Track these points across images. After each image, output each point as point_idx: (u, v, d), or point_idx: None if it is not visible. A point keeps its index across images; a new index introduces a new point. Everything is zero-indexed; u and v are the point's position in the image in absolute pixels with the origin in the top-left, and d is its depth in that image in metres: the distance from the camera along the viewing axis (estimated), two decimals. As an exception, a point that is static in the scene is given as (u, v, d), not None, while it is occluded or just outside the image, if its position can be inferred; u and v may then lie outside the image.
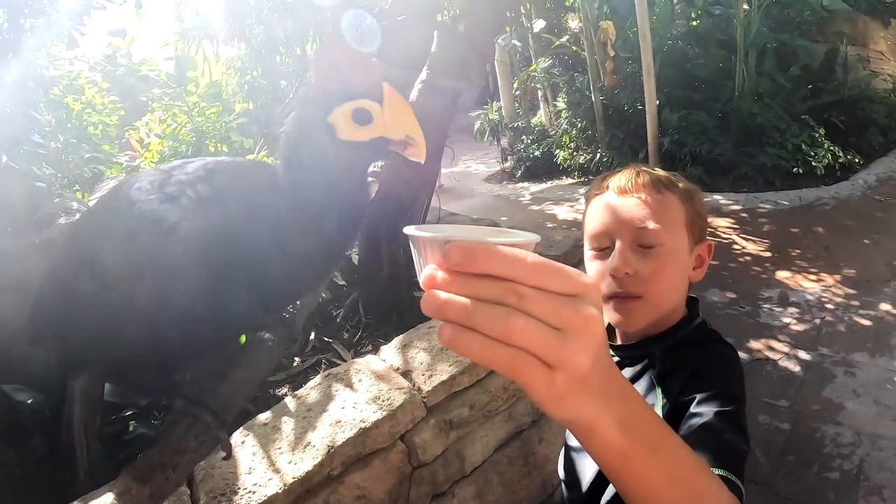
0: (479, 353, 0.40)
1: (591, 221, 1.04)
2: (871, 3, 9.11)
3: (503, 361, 0.40)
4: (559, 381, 0.40)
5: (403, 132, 0.84)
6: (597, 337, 0.42)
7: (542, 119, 10.46)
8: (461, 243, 0.40)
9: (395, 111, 0.84)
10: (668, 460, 0.51)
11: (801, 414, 3.15)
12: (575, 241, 3.04)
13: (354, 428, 1.80)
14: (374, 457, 1.87)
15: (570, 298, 0.41)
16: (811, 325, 4.08)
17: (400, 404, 1.90)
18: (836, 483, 2.67)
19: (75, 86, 4.89)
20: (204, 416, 0.94)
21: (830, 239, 5.62)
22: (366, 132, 0.84)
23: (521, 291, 0.39)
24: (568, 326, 0.40)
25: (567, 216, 7.30)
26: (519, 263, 0.40)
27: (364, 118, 0.84)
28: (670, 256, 0.98)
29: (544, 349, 0.39)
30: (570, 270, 0.42)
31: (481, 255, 0.40)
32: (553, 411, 0.44)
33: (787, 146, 7.40)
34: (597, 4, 8.77)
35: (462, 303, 0.40)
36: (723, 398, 0.87)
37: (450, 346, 0.41)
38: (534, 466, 2.37)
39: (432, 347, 2.20)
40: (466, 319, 0.40)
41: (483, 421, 2.18)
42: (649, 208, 0.98)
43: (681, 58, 8.74)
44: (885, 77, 9.13)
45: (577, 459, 1.10)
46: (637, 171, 1.04)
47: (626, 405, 0.47)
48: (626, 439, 0.46)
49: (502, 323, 0.39)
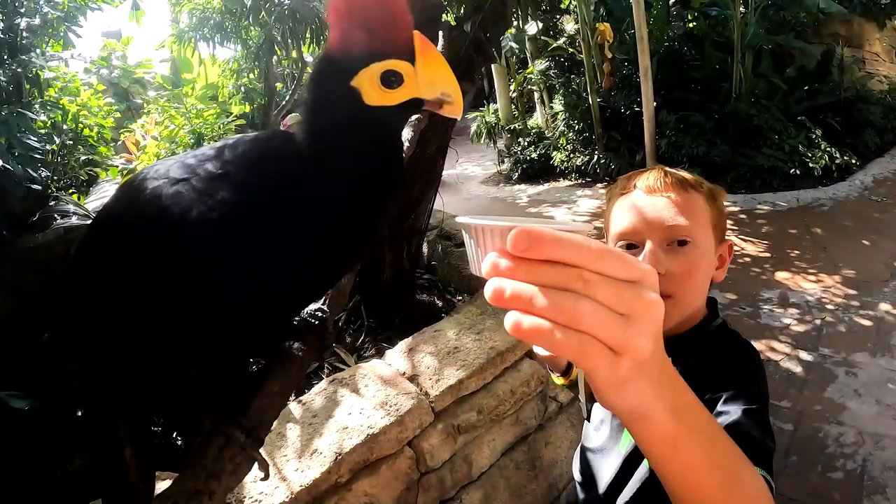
0: (547, 339, 0.40)
1: (618, 220, 1.04)
2: (866, 5, 9.15)
3: (572, 347, 0.40)
4: (623, 366, 0.42)
5: (439, 89, 0.74)
6: (658, 322, 0.43)
7: (538, 121, 10.46)
8: (527, 229, 0.40)
9: (430, 68, 0.73)
10: (713, 448, 0.52)
11: (803, 414, 3.14)
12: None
13: (362, 434, 1.78)
14: (381, 463, 1.85)
15: (631, 284, 0.42)
16: (812, 326, 4.07)
17: (408, 409, 1.89)
18: (840, 483, 2.67)
19: (71, 87, 4.87)
20: (237, 435, 0.85)
21: (829, 240, 5.62)
22: (396, 95, 0.74)
23: (586, 277, 0.40)
24: (631, 311, 0.41)
25: (565, 218, 7.25)
26: (584, 249, 0.41)
27: (394, 81, 0.73)
28: (700, 254, 0.98)
29: (611, 334, 0.40)
30: (630, 257, 0.43)
31: (547, 241, 0.40)
32: (613, 398, 0.45)
33: (784, 147, 7.42)
34: (593, 6, 8.77)
35: (529, 290, 0.40)
36: (748, 396, 0.88)
37: (516, 333, 0.41)
38: (540, 470, 2.35)
39: (439, 351, 2.19)
40: (533, 307, 0.40)
41: (490, 425, 2.16)
42: (678, 207, 0.98)
43: (678, 59, 8.75)
44: (881, 78, 9.19)
45: (595, 460, 1.10)
46: (663, 170, 1.04)
47: (677, 392, 0.49)
48: (676, 426, 0.48)
49: (570, 309, 0.40)
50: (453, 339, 2.26)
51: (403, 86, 0.73)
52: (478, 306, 2.53)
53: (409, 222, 2.79)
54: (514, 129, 10.20)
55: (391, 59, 0.72)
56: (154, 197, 0.76)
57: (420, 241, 2.95)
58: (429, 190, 2.80)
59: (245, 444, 0.85)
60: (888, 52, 9.71)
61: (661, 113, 8.01)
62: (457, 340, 2.25)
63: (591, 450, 1.12)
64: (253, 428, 0.87)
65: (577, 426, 2.49)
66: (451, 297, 3.07)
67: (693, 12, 9.27)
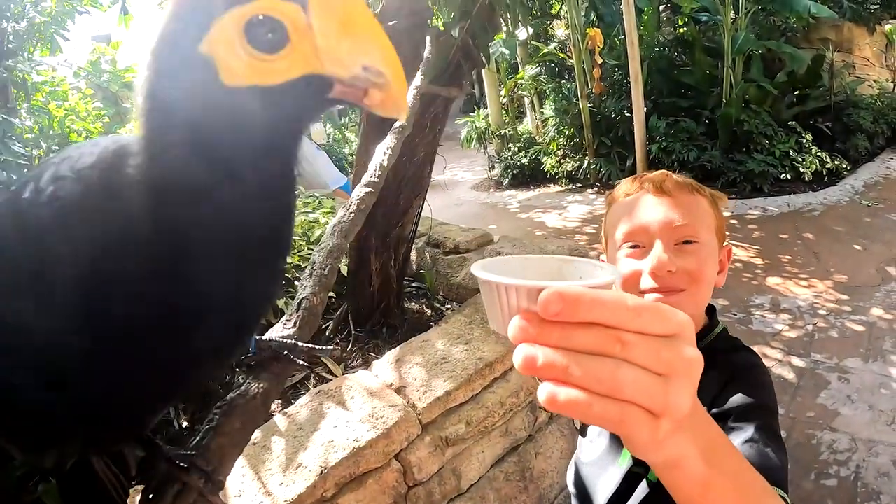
0: (585, 411, 0.38)
1: (625, 220, 1.03)
2: (856, 10, 9.22)
3: (613, 419, 0.38)
4: (663, 428, 0.40)
5: (358, 60, 0.46)
6: (696, 379, 0.41)
7: (528, 126, 10.48)
8: (561, 292, 0.38)
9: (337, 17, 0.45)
10: (739, 481, 0.51)
11: (796, 421, 3.14)
12: (568, 251, 3.00)
13: (348, 448, 1.75)
14: (368, 476, 1.82)
15: (669, 340, 0.40)
16: (804, 332, 4.07)
17: (394, 422, 1.86)
18: (834, 490, 2.67)
19: (59, 92, 4.82)
20: (194, 480, 0.73)
21: (820, 244, 5.64)
22: (275, 68, 0.46)
23: (624, 339, 0.38)
24: (670, 371, 0.39)
25: (556, 224, 7.30)
26: (621, 309, 0.38)
27: (271, 40, 0.45)
28: (707, 253, 0.99)
29: (652, 400, 0.39)
30: (667, 310, 0.41)
31: (583, 304, 0.38)
32: (651, 456, 0.45)
33: (774, 152, 7.45)
34: (583, 12, 8.79)
35: (564, 360, 0.38)
36: (758, 409, 0.88)
37: (552, 406, 0.38)
38: (530, 481, 2.32)
39: (426, 362, 2.16)
40: (570, 376, 0.38)
41: (479, 437, 2.13)
42: (686, 208, 0.99)
43: (668, 65, 8.80)
44: (871, 83, 9.23)
45: (591, 475, 1.09)
46: (668, 174, 1.05)
47: (707, 436, 0.48)
48: (707, 469, 0.46)
49: (610, 378, 0.38)
50: (441, 350, 2.23)
51: (290, 48, 0.46)
52: (466, 316, 2.50)
53: (397, 230, 2.75)
54: (504, 134, 10.20)
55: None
56: None
57: (408, 250, 2.92)
58: (416, 198, 2.77)
59: (203, 490, 0.74)
60: (878, 56, 9.77)
61: (651, 118, 8.03)
62: (445, 351, 2.22)
63: (587, 464, 1.11)
64: (212, 470, 0.75)
65: (567, 436, 2.47)
66: (440, 306, 3.04)
67: (683, 17, 9.31)
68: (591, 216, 7.41)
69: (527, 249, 3.06)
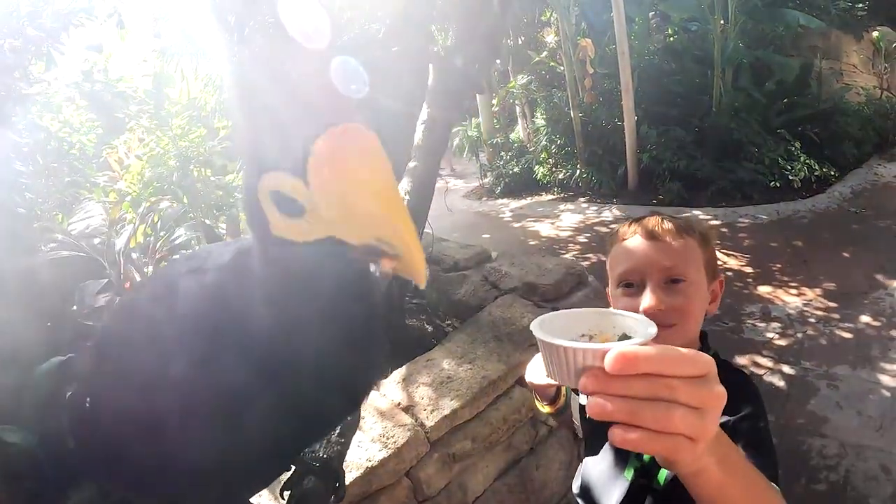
0: (648, 445, 0.50)
1: (621, 262, 1.13)
2: (843, 18, 9.32)
3: (668, 448, 0.51)
4: (699, 450, 0.52)
5: (367, 232, 0.48)
6: (721, 408, 0.53)
7: (520, 135, 10.53)
8: (623, 353, 0.49)
9: (336, 194, 0.47)
10: (746, 481, 0.64)
11: (786, 428, 3.20)
12: (566, 269, 3.06)
13: (361, 468, 1.81)
14: (380, 494, 1.88)
15: (702, 380, 0.51)
16: (794, 340, 4.15)
17: (405, 441, 1.92)
18: (824, 495, 2.73)
19: (52, 103, 4.83)
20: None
21: (809, 252, 5.72)
22: (299, 229, 0.50)
23: (671, 385, 0.50)
24: (704, 405, 0.51)
25: (549, 233, 7.35)
26: (666, 360, 0.50)
27: (291, 207, 0.49)
28: (693, 290, 1.07)
29: (693, 430, 0.50)
30: (697, 356, 0.52)
31: (640, 360, 0.49)
32: (686, 470, 0.57)
33: (763, 160, 7.53)
34: (574, 20, 8.86)
35: (629, 405, 0.50)
36: (752, 418, 0.99)
37: (624, 444, 0.50)
38: (532, 493, 2.39)
39: (433, 381, 2.22)
40: (633, 418, 0.50)
41: (484, 452, 2.20)
42: (674, 250, 1.08)
43: (658, 74, 8.87)
44: (858, 90, 9.34)
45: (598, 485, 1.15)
46: (661, 217, 1.15)
47: (721, 447, 0.59)
48: (723, 475, 0.59)
49: (666, 418, 0.49)
50: (447, 369, 2.30)
51: (307, 216, 0.49)
52: (468, 334, 2.56)
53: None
54: (496, 143, 10.25)
55: (278, 172, 0.49)
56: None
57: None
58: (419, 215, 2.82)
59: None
60: (865, 63, 9.89)
61: (641, 127, 8.11)
62: (450, 370, 2.29)
63: (595, 475, 1.17)
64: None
65: (567, 448, 2.53)
66: (441, 323, 3.09)
67: (673, 27, 9.40)
68: (583, 225, 7.48)
69: (525, 267, 3.12)
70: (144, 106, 4.86)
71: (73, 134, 4.77)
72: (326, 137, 0.45)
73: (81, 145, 4.82)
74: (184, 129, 4.11)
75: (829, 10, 9.10)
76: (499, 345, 2.45)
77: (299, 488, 0.92)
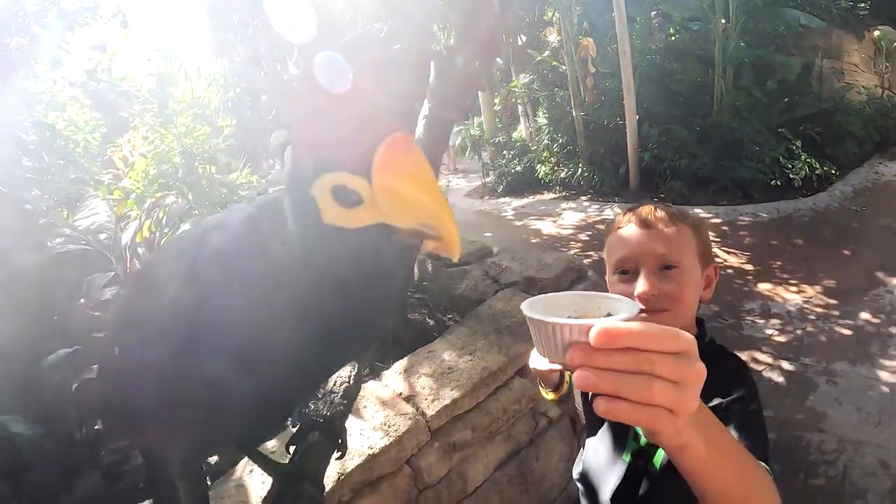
0: (631, 415, 0.53)
1: (616, 250, 1.16)
2: (844, 17, 9.33)
3: (648, 419, 0.53)
4: (680, 423, 0.54)
5: (414, 218, 0.58)
6: (701, 384, 0.56)
7: (522, 134, 10.56)
8: (607, 328, 0.52)
9: (392, 189, 0.57)
10: (734, 459, 0.68)
11: (786, 423, 3.22)
12: (566, 263, 3.10)
13: (363, 455, 1.84)
14: (382, 481, 1.91)
15: (681, 356, 0.54)
16: (793, 336, 4.17)
17: (406, 430, 1.95)
18: (823, 489, 2.75)
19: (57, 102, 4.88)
20: (307, 488, 0.92)
21: (809, 250, 5.74)
22: (354, 217, 0.59)
23: (651, 359, 0.52)
24: (683, 379, 0.54)
25: (551, 231, 7.37)
26: (647, 335, 0.53)
27: (349, 199, 0.58)
28: (686, 276, 1.11)
29: (673, 402, 0.53)
30: (678, 333, 0.54)
31: (622, 335, 0.52)
32: (669, 443, 0.60)
33: (765, 159, 7.55)
34: (576, 20, 8.88)
35: (612, 377, 0.53)
36: (744, 401, 1.02)
37: (606, 414, 0.54)
38: (531, 484, 2.41)
39: (434, 372, 2.25)
40: (617, 390, 0.53)
41: (484, 442, 2.23)
42: (669, 238, 1.12)
43: (660, 73, 8.90)
44: (860, 89, 9.36)
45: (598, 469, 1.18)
46: (655, 206, 1.18)
47: (707, 424, 0.63)
48: (708, 450, 0.61)
49: (646, 390, 0.52)
50: (448, 360, 2.33)
51: (364, 206, 0.59)
52: (469, 327, 2.60)
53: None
54: (498, 141, 10.28)
55: (343, 172, 0.58)
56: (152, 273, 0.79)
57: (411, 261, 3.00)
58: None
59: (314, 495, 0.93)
60: (867, 62, 9.90)
61: (643, 126, 8.13)
62: (451, 361, 2.32)
63: (595, 459, 1.21)
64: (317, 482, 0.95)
65: (566, 441, 2.56)
66: (442, 317, 3.13)
67: (675, 26, 9.41)
68: (584, 223, 7.50)
69: (526, 262, 3.15)
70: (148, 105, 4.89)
71: (77, 132, 4.81)
72: (385, 145, 0.56)
73: (86, 143, 4.87)
74: (188, 126, 4.13)
75: (831, 9, 9.13)
76: (499, 337, 2.48)
77: (304, 443, 0.99)
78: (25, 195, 3.23)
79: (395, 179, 0.56)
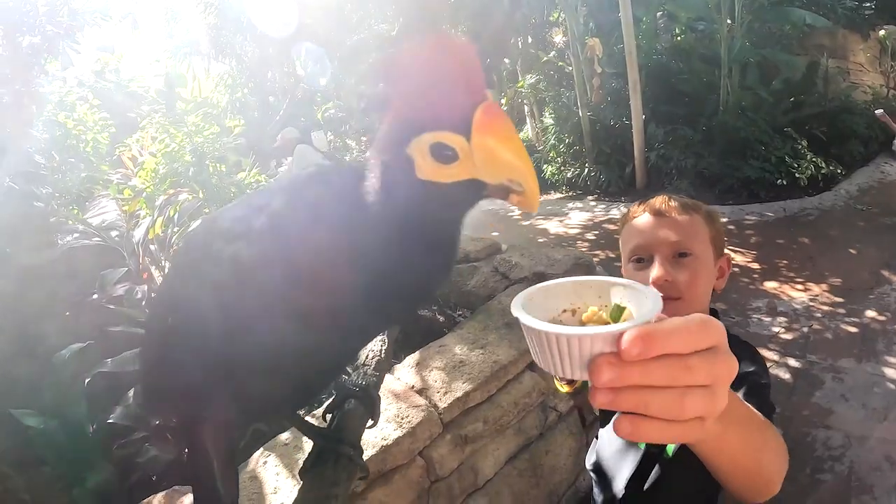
0: (658, 436, 0.48)
1: (631, 239, 1.20)
2: (850, 17, 9.32)
3: (680, 435, 0.49)
4: (709, 425, 0.49)
5: (504, 174, 0.64)
6: (732, 378, 0.50)
7: (529, 134, 10.57)
8: (640, 335, 0.44)
9: (488, 148, 0.62)
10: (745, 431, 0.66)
11: (792, 419, 3.23)
12: (575, 259, 3.12)
13: (376, 446, 1.87)
14: (394, 472, 1.94)
15: (715, 353, 0.48)
16: (799, 334, 4.19)
17: (419, 422, 1.98)
18: (829, 484, 2.76)
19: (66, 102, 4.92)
20: (346, 450, 0.95)
21: (815, 249, 5.76)
22: (449, 172, 0.65)
23: (690, 366, 0.46)
24: (718, 381, 0.48)
25: (558, 231, 7.41)
26: (687, 334, 0.47)
27: (446, 156, 0.64)
28: (699, 264, 1.14)
29: (705, 410, 0.47)
30: (709, 322, 0.49)
31: (660, 339, 0.45)
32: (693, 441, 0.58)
33: (770, 158, 7.55)
34: (582, 21, 8.90)
35: (638, 396, 0.46)
36: (756, 374, 1.05)
37: (631, 437, 0.48)
38: (541, 477, 2.44)
39: (445, 365, 2.28)
40: (644, 409, 0.46)
41: (495, 435, 2.25)
42: (680, 226, 1.15)
43: (665, 73, 8.90)
44: (865, 89, 9.35)
45: (612, 459, 1.21)
46: (668, 196, 1.21)
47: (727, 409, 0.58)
48: (722, 427, 0.55)
49: (678, 406, 0.46)
50: (459, 354, 2.36)
51: (458, 163, 0.64)
52: (479, 321, 2.63)
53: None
54: (504, 141, 10.26)
55: (443, 130, 0.63)
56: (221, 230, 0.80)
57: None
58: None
59: (353, 457, 0.96)
60: (872, 62, 9.89)
61: (649, 126, 8.14)
62: (462, 355, 2.35)
63: (610, 449, 1.24)
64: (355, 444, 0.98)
65: (576, 436, 2.58)
66: (451, 312, 3.15)
67: (681, 26, 9.42)
68: (591, 223, 7.53)
69: (535, 258, 3.18)
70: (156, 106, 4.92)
71: (87, 132, 4.85)
72: (483, 108, 0.62)
73: (96, 143, 4.91)
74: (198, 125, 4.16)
75: (836, 8, 9.13)
76: (509, 331, 2.50)
77: (341, 410, 1.04)
78: (37, 191, 3.26)
79: (491, 139, 0.62)
